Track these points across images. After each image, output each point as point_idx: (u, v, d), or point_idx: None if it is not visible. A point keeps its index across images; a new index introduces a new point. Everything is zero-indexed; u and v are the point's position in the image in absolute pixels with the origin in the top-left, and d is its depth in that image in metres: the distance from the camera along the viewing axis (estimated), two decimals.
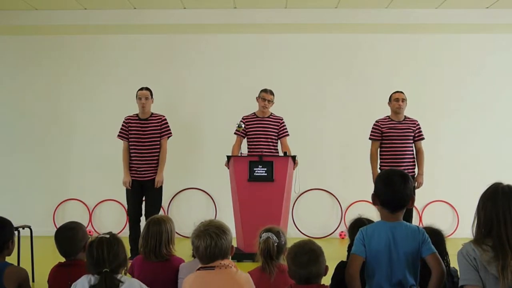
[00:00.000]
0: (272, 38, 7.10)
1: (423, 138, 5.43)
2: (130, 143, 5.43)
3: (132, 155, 5.41)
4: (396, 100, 5.38)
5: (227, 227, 2.41)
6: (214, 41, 7.13)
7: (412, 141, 5.38)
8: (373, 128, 5.48)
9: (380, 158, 5.44)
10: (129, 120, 5.49)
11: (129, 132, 5.43)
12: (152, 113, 5.50)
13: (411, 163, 5.36)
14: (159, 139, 5.43)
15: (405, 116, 5.45)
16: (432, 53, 7.03)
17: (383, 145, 5.41)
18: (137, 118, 5.49)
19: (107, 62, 7.17)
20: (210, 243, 2.28)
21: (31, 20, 6.67)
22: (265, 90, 5.68)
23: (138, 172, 5.36)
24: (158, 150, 5.42)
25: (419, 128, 5.43)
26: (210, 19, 6.63)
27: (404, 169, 5.02)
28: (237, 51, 7.12)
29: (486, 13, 6.50)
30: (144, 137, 5.38)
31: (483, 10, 6.49)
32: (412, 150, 5.39)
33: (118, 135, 5.52)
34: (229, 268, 2.28)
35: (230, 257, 2.40)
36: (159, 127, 5.42)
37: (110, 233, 2.41)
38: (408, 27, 6.81)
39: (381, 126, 5.42)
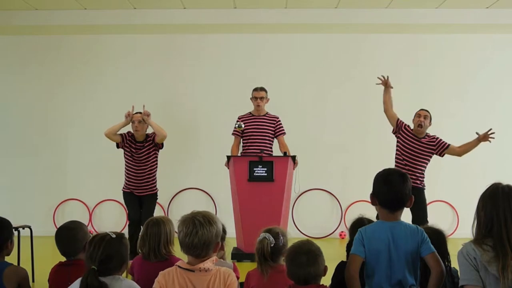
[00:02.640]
0: (272, 38, 7.10)
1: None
2: (125, 158, 5.43)
3: (128, 172, 5.42)
4: (418, 116, 5.30)
5: (215, 219, 2.24)
6: (214, 41, 7.12)
7: (429, 158, 5.31)
8: (402, 121, 5.39)
9: (395, 162, 5.38)
10: (126, 138, 5.41)
11: (124, 146, 5.40)
12: (147, 135, 5.44)
13: (419, 177, 5.27)
14: (154, 155, 5.43)
15: (426, 133, 5.36)
16: (432, 53, 7.02)
17: (399, 151, 5.33)
18: (132, 138, 5.43)
19: (107, 62, 7.17)
20: (192, 230, 2.15)
21: (31, 20, 6.66)
22: (255, 89, 5.69)
23: (136, 190, 5.39)
24: (153, 166, 5.43)
25: (439, 142, 5.35)
26: (210, 19, 6.63)
27: (412, 182, 5.00)
28: (237, 51, 7.12)
29: (486, 13, 6.49)
30: (140, 160, 5.37)
31: (483, 10, 6.49)
32: (425, 165, 5.32)
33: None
34: (209, 272, 2.17)
35: (215, 255, 2.27)
36: (153, 147, 5.42)
37: (119, 234, 2.36)
38: (408, 27, 6.81)
39: (406, 130, 5.32)
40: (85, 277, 2.18)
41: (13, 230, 2.89)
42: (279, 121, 5.72)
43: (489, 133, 5.19)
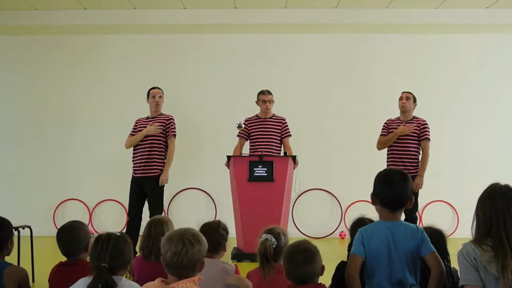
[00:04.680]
0: (272, 38, 7.10)
1: (427, 139, 5.25)
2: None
3: (134, 152, 5.34)
4: (400, 98, 5.38)
5: (202, 238, 2.13)
6: (214, 41, 7.13)
7: (415, 141, 5.27)
8: (382, 126, 5.48)
9: (386, 159, 5.41)
10: (139, 121, 5.47)
11: (137, 132, 5.39)
12: (161, 113, 5.46)
13: (413, 164, 5.25)
14: (163, 137, 5.32)
15: (414, 116, 5.41)
16: (432, 53, 7.03)
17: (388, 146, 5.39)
18: (146, 117, 5.49)
19: (107, 62, 7.17)
20: (181, 249, 2.03)
21: (31, 20, 6.67)
22: (262, 92, 5.62)
23: (138, 170, 5.28)
24: (160, 148, 5.31)
25: (424, 127, 5.28)
26: (210, 19, 6.63)
27: (404, 169, 4.97)
28: (237, 51, 7.12)
29: (486, 13, 6.50)
30: (147, 135, 5.29)
31: (483, 10, 6.49)
32: (416, 151, 5.28)
33: (129, 134, 5.49)
34: None
35: (198, 273, 2.13)
36: (163, 126, 5.34)
37: (122, 233, 2.38)
38: (408, 27, 6.81)
39: (389, 124, 5.42)
40: (97, 275, 2.17)
41: (13, 230, 2.88)
42: (285, 122, 5.67)
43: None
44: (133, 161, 5.35)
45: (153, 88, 5.53)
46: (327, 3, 6.44)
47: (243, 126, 5.52)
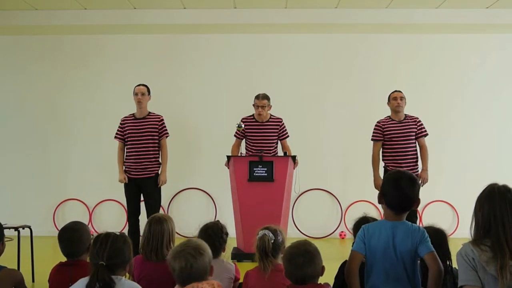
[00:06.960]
0: (272, 38, 7.10)
1: (426, 134, 5.35)
2: (127, 143, 5.33)
3: (128, 154, 5.31)
4: (395, 99, 5.33)
5: (204, 247, 2.26)
6: (214, 41, 7.13)
7: (414, 139, 5.32)
8: (374, 129, 5.41)
9: (383, 158, 5.41)
10: (125, 121, 5.39)
11: (125, 132, 5.33)
12: (149, 112, 5.41)
13: (413, 162, 5.30)
14: (157, 138, 5.32)
15: (405, 114, 5.42)
16: (432, 53, 7.02)
17: (385, 146, 5.37)
18: (133, 118, 5.38)
19: (107, 62, 7.17)
20: (186, 265, 2.16)
21: (31, 20, 6.67)
22: (257, 97, 5.54)
23: (135, 171, 5.25)
24: (155, 149, 5.30)
25: (421, 124, 5.36)
26: (210, 19, 6.63)
27: (406, 168, 5.00)
28: (237, 51, 7.12)
29: (486, 13, 6.50)
30: (141, 137, 5.26)
31: (483, 10, 6.49)
32: (415, 149, 5.34)
33: (115, 136, 5.45)
34: None
35: (210, 277, 2.26)
36: (157, 127, 5.32)
37: (122, 233, 2.39)
38: (408, 27, 6.81)
39: (382, 126, 5.37)
40: (95, 272, 2.19)
41: (3, 230, 2.80)
42: (283, 124, 5.65)
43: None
44: (125, 162, 5.33)
45: (138, 85, 5.45)
46: (327, 3, 6.44)
47: (243, 126, 5.52)
